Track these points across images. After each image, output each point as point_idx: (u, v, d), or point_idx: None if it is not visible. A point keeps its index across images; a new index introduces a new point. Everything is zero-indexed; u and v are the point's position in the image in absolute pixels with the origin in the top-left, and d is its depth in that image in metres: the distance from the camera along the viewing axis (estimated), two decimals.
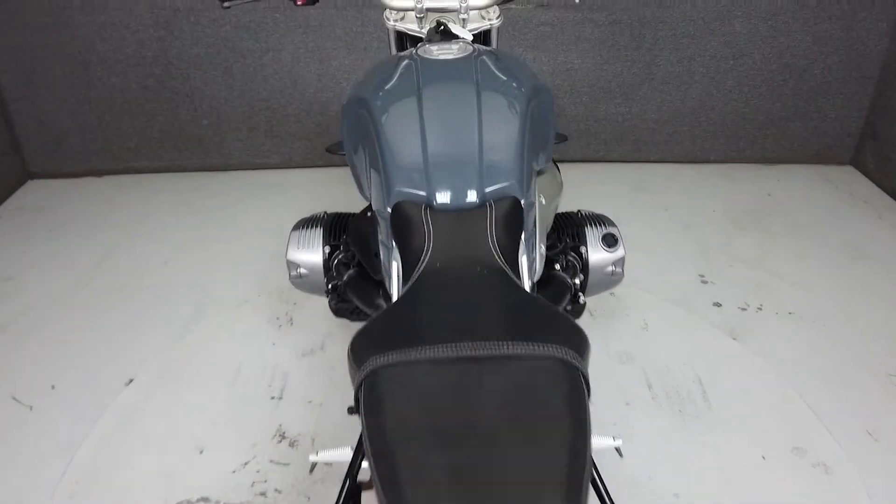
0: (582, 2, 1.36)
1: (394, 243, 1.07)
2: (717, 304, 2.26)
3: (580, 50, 2.88)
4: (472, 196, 1.06)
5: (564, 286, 1.41)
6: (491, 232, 1.01)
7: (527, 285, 1.04)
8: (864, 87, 2.99)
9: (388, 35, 1.57)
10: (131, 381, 1.92)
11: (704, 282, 2.37)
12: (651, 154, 3.17)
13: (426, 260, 0.99)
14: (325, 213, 1.60)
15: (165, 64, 2.86)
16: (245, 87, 2.93)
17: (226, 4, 1.37)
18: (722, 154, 3.17)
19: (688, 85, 2.97)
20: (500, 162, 1.10)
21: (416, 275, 0.96)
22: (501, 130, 1.13)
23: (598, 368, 1.94)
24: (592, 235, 1.48)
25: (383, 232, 1.13)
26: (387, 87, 1.23)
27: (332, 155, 1.60)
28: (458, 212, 1.05)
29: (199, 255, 2.50)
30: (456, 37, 1.42)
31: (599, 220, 1.53)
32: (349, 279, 1.41)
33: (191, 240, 2.61)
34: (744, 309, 2.23)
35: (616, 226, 1.52)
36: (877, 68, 2.94)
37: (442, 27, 1.42)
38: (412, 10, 1.46)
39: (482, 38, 1.57)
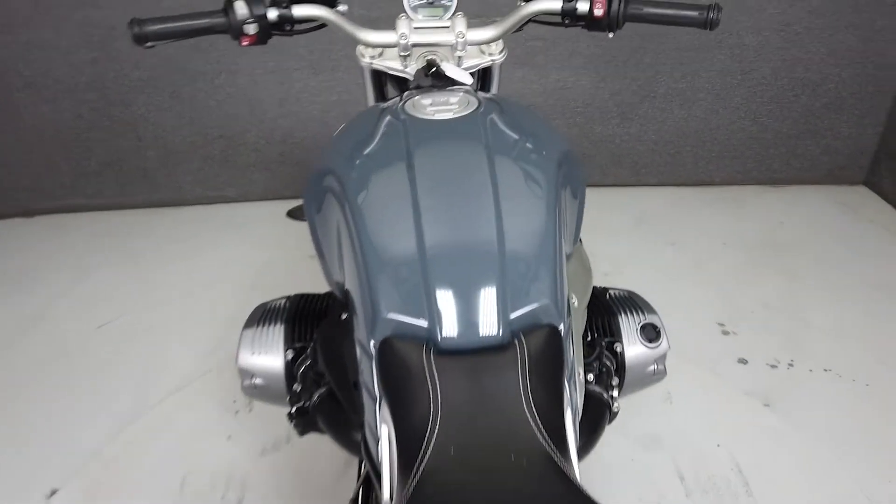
0: (615, 35, 1.03)
1: (383, 398, 0.76)
2: (743, 361, 1.98)
3: (574, 66, 2.58)
4: (492, 329, 0.75)
5: (602, 407, 1.11)
6: (524, 386, 0.70)
7: (575, 463, 0.73)
8: (881, 102, 2.74)
9: (363, 75, 1.25)
10: (54, 492, 1.56)
11: (725, 333, 2.09)
12: (651, 178, 2.88)
13: (433, 439, 0.67)
14: (288, 299, 1.26)
15: (102, 89, 2.48)
16: (196, 113, 2.57)
17: (148, 44, 1.04)
18: (727, 176, 2.90)
19: (691, 102, 2.70)
20: (528, 273, 0.79)
21: (418, 469, 0.64)
22: (527, 227, 0.82)
23: (619, 457, 1.65)
24: (629, 327, 1.17)
25: (366, 373, 0.81)
26: (366, 161, 0.91)
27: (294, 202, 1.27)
28: (475, 355, 0.73)
29: (142, 317, 2.15)
30: (451, 79, 1.11)
31: (634, 304, 1.22)
32: (320, 402, 1.09)
33: (133, 296, 2.25)
34: (774, 366, 1.96)
35: (656, 312, 1.22)
36: (895, 81, 2.69)
37: (434, 68, 1.10)
38: (393, 46, 1.14)
39: (481, 75, 1.26)
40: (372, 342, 0.78)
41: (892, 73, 2.67)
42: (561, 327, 0.79)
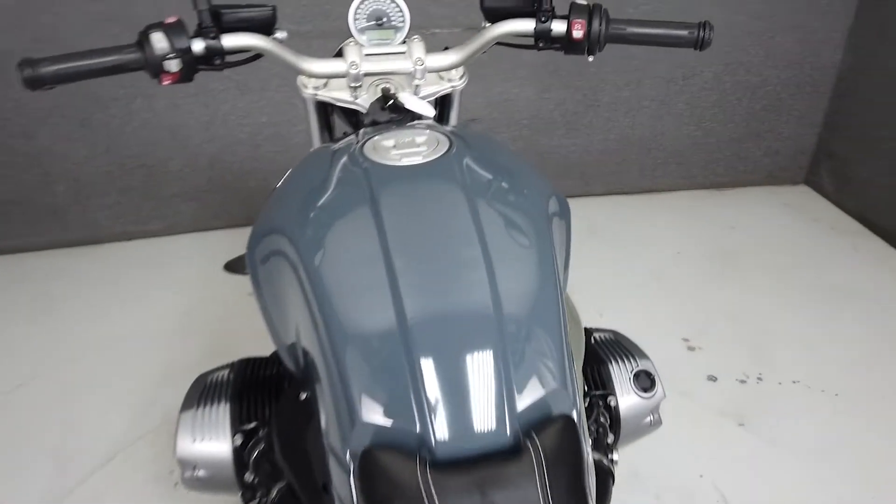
0: (594, 59, 0.90)
1: None
2: (713, 379, 1.91)
3: (519, 78, 2.48)
4: (499, 429, 0.62)
5: (605, 476, 0.98)
6: (545, 499, 0.57)
7: None
8: (818, 103, 2.76)
9: (305, 107, 1.09)
10: None
11: (691, 349, 2.02)
12: (598, 187, 2.82)
13: None
14: (231, 368, 1.09)
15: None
16: (111, 141, 2.33)
17: (46, 87, 0.85)
18: (673, 182, 2.87)
19: (636, 110, 2.64)
20: (533, 352, 0.66)
21: None
22: (525, 293, 0.69)
23: None
24: (621, 376, 1.06)
25: (341, 485, 0.66)
26: (323, 219, 0.76)
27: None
28: (481, 465, 0.60)
29: (58, 376, 1.90)
30: (410, 112, 0.97)
31: (623, 348, 1.11)
32: (280, 499, 0.92)
33: (47, 352, 2.00)
34: (743, 381, 1.90)
35: (647, 356, 1.11)
36: (830, 82, 2.72)
37: (392, 100, 0.96)
38: (342, 76, 0.99)
39: (439, 103, 1.12)
40: (348, 453, 0.63)
41: (827, 73, 2.70)
42: (574, 414, 0.66)
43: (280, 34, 0.98)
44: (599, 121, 2.64)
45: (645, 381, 1.06)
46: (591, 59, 0.99)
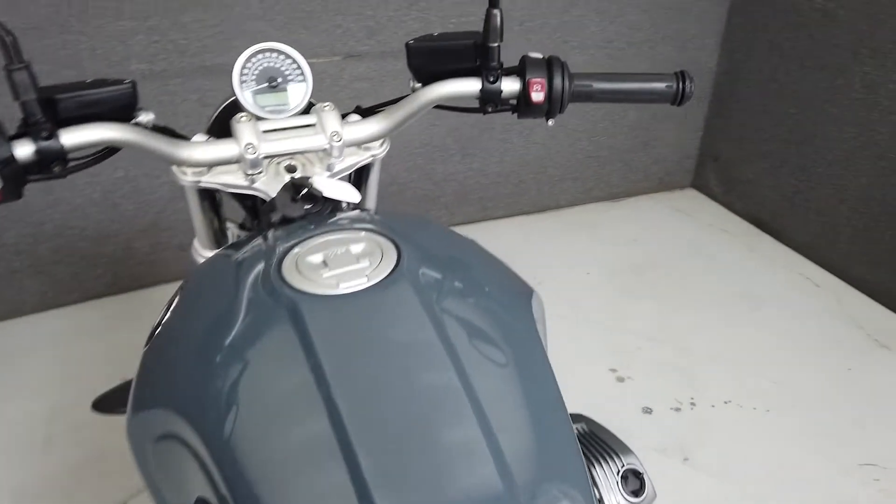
0: (554, 123, 0.73)
1: None
2: (648, 411, 1.83)
3: None
4: None
5: None
6: None
7: None
8: (699, 108, 2.81)
9: (186, 198, 0.85)
10: None
11: (620, 379, 1.94)
12: (498, 210, 2.70)
13: None
14: None
15: None
16: None
17: None
18: (570, 198, 2.81)
19: (530, 130, 2.54)
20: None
21: None
22: (541, 464, 0.52)
23: None
24: (607, 480, 0.90)
25: None
26: (238, 392, 0.54)
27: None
28: None
29: None
30: (327, 200, 0.76)
31: (604, 443, 0.95)
32: None
33: None
34: (678, 409, 1.84)
35: (631, 450, 0.96)
36: (709, 86, 2.76)
37: (305, 188, 0.75)
38: (233, 161, 0.77)
39: (354, 177, 0.92)
40: None
41: (705, 78, 2.74)
42: None
43: (144, 116, 0.74)
44: (494, 144, 2.52)
45: (634, 482, 0.91)
46: (550, 122, 0.83)
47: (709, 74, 2.73)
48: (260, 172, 0.77)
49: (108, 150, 0.72)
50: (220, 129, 0.96)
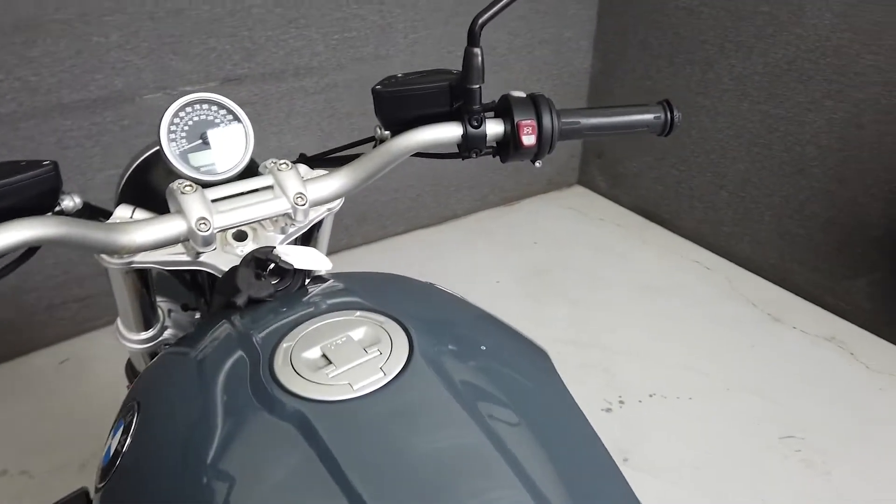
0: (542, 165, 0.67)
1: None
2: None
3: (294, 128, 2.17)
4: None
5: None
6: None
7: None
8: (579, 106, 2.88)
9: (112, 285, 0.71)
10: None
11: None
12: (397, 226, 2.63)
13: None
14: None
15: None
16: None
17: None
18: (467, 206, 2.79)
19: None
20: None
21: None
22: None
23: None
24: None
25: None
26: None
27: None
28: None
29: None
30: (296, 271, 0.66)
31: None
32: None
33: None
34: (609, 409, 1.86)
35: None
36: (585, 86, 2.85)
37: (272, 263, 0.64)
38: (175, 242, 0.64)
39: (303, 238, 0.82)
40: None
41: (581, 79, 2.81)
42: None
43: (69, 201, 0.60)
44: None
45: None
46: (538, 164, 0.77)
47: (585, 75, 2.81)
48: (212, 248, 0.65)
49: (28, 251, 0.58)
50: (137, 193, 0.83)
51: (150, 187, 0.80)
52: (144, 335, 0.80)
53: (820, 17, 2.00)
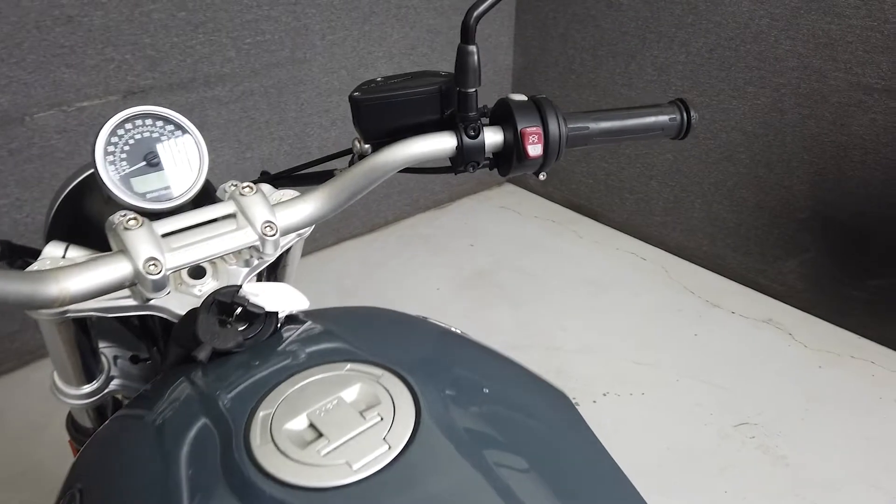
0: (546, 179, 0.59)
1: None
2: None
3: (209, 141, 2.00)
4: None
5: None
6: None
7: None
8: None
9: (44, 336, 0.59)
10: None
11: None
12: (328, 238, 2.50)
13: None
14: None
15: None
16: None
17: None
18: (398, 212, 2.69)
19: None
20: None
21: None
22: None
23: None
24: None
25: None
26: None
27: None
28: None
29: None
30: (263, 315, 0.56)
31: None
32: None
33: None
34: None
35: None
36: (509, 82, 2.80)
37: (239, 307, 0.54)
38: (119, 288, 0.52)
39: (269, 269, 0.73)
40: None
41: (505, 75, 2.77)
42: None
43: None
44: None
45: None
46: (542, 177, 0.69)
47: (507, 71, 2.77)
48: (165, 293, 0.53)
49: None
50: (71, 226, 0.70)
51: (87, 218, 0.69)
52: (87, 389, 0.69)
53: (738, 5, 2.03)
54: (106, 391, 0.71)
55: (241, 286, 0.55)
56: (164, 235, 0.53)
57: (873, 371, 1.93)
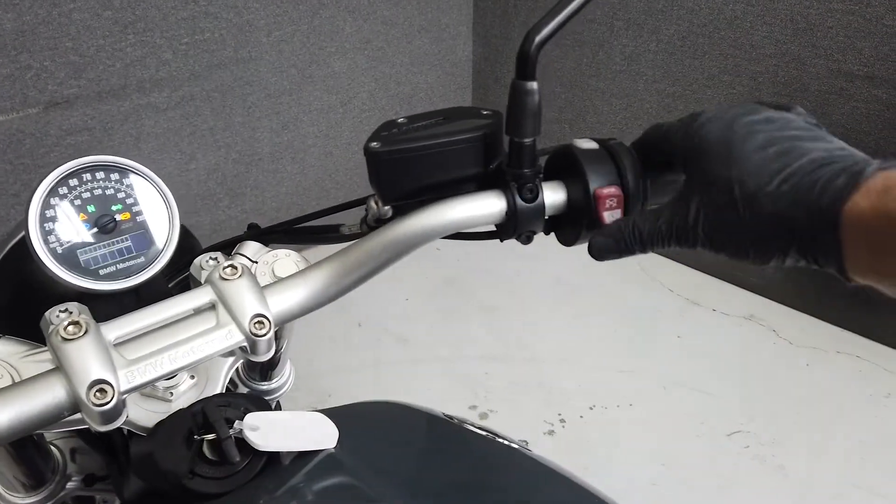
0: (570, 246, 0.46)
1: None
2: (524, 444, 1.67)
3: (148, 153, 1.82)
4: None
5: None
6: None
7: None
8: (464, 97, 2.69)
9: None
10: None
11: (484, 416, 1.75)
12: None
13: None
14: None
15: None
16: None
17: None
18: (357, 216, 2.53)
19: (302, 153, 2.20)
20: None
21: None
22: None
23: None
24: None
25: None
26: None
27: None
28: None
29: None
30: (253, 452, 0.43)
31: None
32: None
33: None
34: (551, 432, 1.71)
35: None
36: (469, 74, 2.66)
37: (227, 438, 0.41)
38: (57, 418, 0.39)
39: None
40: None
41: (465, 67, 2.63)
42: None
43: None
44: (265, 176, 2.13)
45: None
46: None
47: (467, 63, 2.62)
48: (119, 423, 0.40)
49: None
50: (2, 307, 0.58)
51: (23, 295, 0.56)
52: (36, 497, 0.56)
53: None
54: (62, 494, 0.58)
55: (227, 401, 0.42)
56: (119, 344, 0.41)
57: (860, 366, 1.88)
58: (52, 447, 0.59)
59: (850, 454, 1.61)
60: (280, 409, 0.93)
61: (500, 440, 0.61)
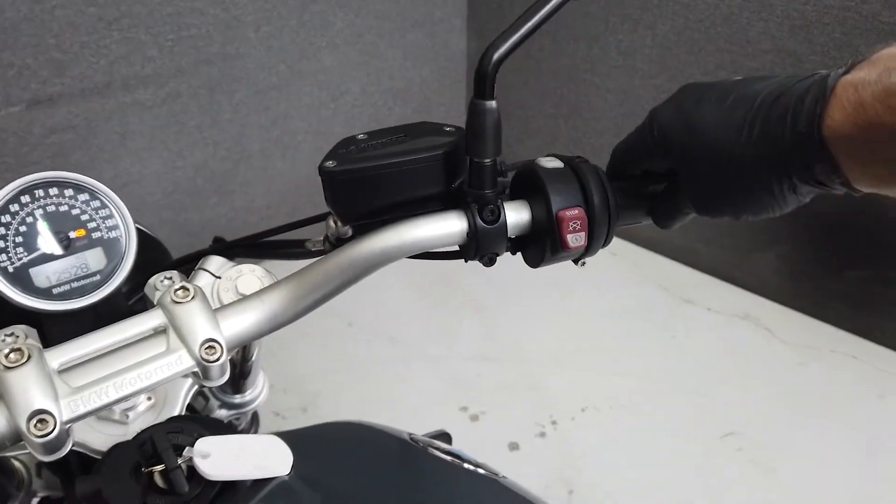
0: (584, 264, 0.43)
1: None
2: (515, 447, 1.67)
3: (133, 151, 1.79)
4: None
5: None
6: None
7: None
8: (460, 92, 2.66)
9: None
10: None
11: (475, 417, 1.74)
12: None
13: None
14: None
15: None
16: None
17: None
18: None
19: (293, 149, 2.17)
20: None
21: None
22: None
23: None
24: None
25: None
26: None
27: None
28: None
29: None
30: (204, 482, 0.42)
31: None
32: None
33: None
34: (542, 434, 1.70)
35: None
36: (464, 69, 2.63)
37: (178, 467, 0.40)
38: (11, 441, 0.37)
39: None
40: None
41: (460, 62, 2.59)
42: None
43: None
44: (254, 173, 2.11)
45: None
46: (582, 264, 0.53)
47: (462, 57, 2.59)
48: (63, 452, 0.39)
49: None
50: None
51: None
52: None
53: None
54: None
55: (179, 428, 0.41)
56: (64, 370, 0.40)
57: (855, 367, 1.86)
58: (17, 462, 0.58)
59: (844, 457, 1.60)
60: (257, 420, 0.91)
61: (466, 465, 0.59)
